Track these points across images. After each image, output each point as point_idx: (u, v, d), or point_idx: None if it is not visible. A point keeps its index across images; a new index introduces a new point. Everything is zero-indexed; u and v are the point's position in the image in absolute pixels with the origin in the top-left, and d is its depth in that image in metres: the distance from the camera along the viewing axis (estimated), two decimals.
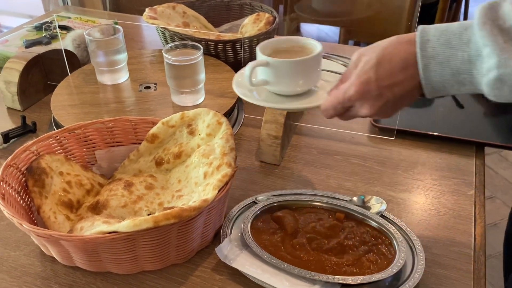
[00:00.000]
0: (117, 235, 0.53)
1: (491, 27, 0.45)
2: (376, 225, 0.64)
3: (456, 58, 0.47)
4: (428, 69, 0.48)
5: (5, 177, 0.62)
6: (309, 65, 0.62)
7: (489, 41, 0.45)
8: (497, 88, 0.46)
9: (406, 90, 0.51)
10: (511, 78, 0.45)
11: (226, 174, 0.60)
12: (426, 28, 0.49)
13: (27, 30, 1.20)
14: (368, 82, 0.51)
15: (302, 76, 0.62)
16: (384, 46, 0.51)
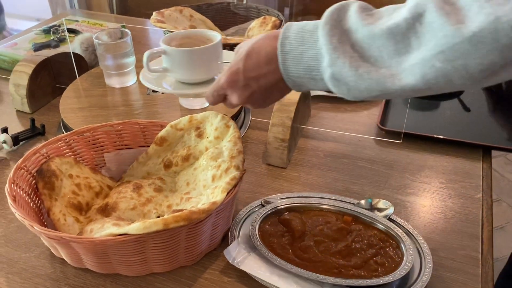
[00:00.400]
0: (127, 237, 0.53)
1: (331, 26, 0.47)
2: (384, 228, 0.65)
3: (307, 55, 0.49)
4: (286, 64, 0.51)
5: (16, 180, 0.63)
6: (206, 54, 0.66)
7: (325, 40, 0.47)
8: (336, 86, 0.49)
9: (271, 82, 0.54)
10: (342, 76, 0.47)
11: (235, 177, 0.61)
12: (289, 25, 0.52)
13: (36, 33, 1.21)
14: (236, 73, 0.55)
15: (199, 64, 0.66)
16: (256, 40, 0.55)
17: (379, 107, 0.95)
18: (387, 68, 0.46)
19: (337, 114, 0.95)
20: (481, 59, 0.40)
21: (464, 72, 0.42)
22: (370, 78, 0.46)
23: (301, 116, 0.86)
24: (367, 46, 0.46)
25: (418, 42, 0.44)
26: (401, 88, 0.45)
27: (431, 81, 0.44)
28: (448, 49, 0.41)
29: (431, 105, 0.98)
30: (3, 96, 1.04)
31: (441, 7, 0.42)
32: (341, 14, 0.48)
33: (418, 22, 0.43)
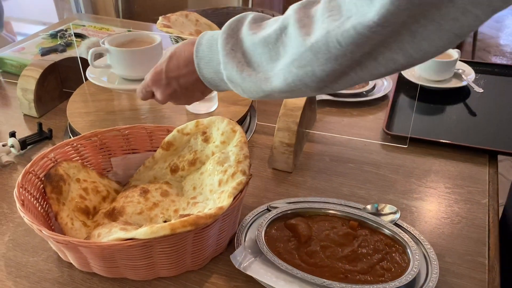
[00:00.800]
0: (134, 242, 0.54)
1: (227, 35, 0.54)
2: (390, 233, 0.65)
3: (214, 60, 0.56)
4: (200, 67, 0.58)
5: (24, 184, 0.63)
6: (144, 54, 0.73)
7: (221, 47, 0.54)
8: (233, 86, 0.56)
9: (190, 82, 0.61)
10: (233, 78, 0.54)
11: (241, 182, 0.61)
12: (204, 34, 0.59)
13: (43, 38, 1.22)
14: (160, 73, 0.63)
15: (137, 63, 0.73)
16: (178, 45, 0.62)
17: (384, 112, 0.95)
18: (264, 72, 0.52)
19: (343, 118, 0.96)
20: (323, 66, 0.47)
21: (314, 76, 0.48)
22: (251, 81, 0.53)
23: (307, 120, 0.87)
24: (252, 53, 0.53)
25: (284, 50, 0.50)
26: (272, 90, 0.52)
27: (291, 84, 0.50)
28: (299, 57, 0.48)
29: (437, 110, 0.98)
30: (11, 100, 1.05)
31: (300, 19, 0.48)
32: (239, 25, 0.54)
33: (284, 33, 0.50)
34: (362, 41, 0.44)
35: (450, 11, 0.40)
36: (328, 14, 0.46)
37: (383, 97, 1.00)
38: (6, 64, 1.13)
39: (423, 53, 0.44)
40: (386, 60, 0.45)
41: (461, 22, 0.41)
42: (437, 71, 1.01)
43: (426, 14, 0.41)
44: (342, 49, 0.45)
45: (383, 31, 0.43)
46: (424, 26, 0.42)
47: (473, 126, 0.92)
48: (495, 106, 0.99)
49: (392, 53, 0.45)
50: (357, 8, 0.44)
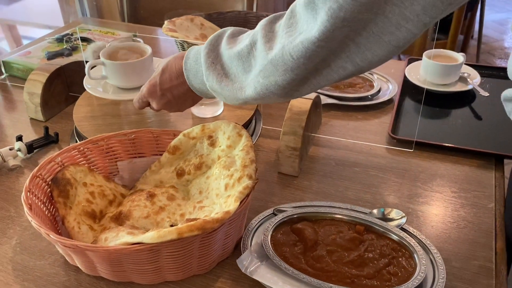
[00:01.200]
0: (141, 246, 0.54)
1: (209, 50, 0.60)
2: (397, 238, 0.64)
3: (200, 72, 0.62)
4: (189, 79, 0.65)
5: (31, 188, 0.64)
6: (137, 66, 0.78)
7: (203, 60, 0.60)
8: (216, 95, 0.62)
9: (182, 92, 0.68)
10: (215, 89, 0.60)
11: (247, 186, 0.61)
12: (191, 48, 0.65)
13: (49, 42, 1.23)
14: (154, 85, 0.69)
15: (131, 74, 0.78)
16: (169, 59, 0.68)
17: (390, 116, 0.95)
18: (239, 82, 0.58)
19: (348, 122, 0.96)
20: (282, 76, 0.53)
21: (277, 85, 0.54)
22: (228, 90, 0.59)
23: (312, 124, 0.87)
24: (229, 66, 0.59)
25: (254, 62, 0.56)
26: (246, 98, 0.58)
27: (260, 93, 0.56)
28: (263, 69, 0.54)
29: (443, 114, 0.98)
30: (17, 104, 1.05)
31: (266, 34, 0.54)
32: (218, 40, 0.61)
33: (254, 47, 0.55)
34: (309, 54, 0.49)
35: (386, 26, 0.46)
36: (286, 30, 0.52)
37: (388, 101, 1.00)
38: (12, 68, 1.14)
39: (368, 62, 0.50)
40: (337, 67, 0.51)
41: (396, 35, 0.46)
42: (443, 75, 1.01)
43: (366, 28, 0.47)
44: (295, 61, 0.51)
45: (327, 45, 0.48)
46: (366, 38, 0.48)
47: (479, 130, 0.92)
48: (501, 109, 0.99)
49: (342, 61, 0.50)
50: (307, 25, 0.49)
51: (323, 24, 0.47)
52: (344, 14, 0.45)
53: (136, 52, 0.84)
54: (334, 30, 0.47)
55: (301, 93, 0.56)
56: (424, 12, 0.44)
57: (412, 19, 0.45)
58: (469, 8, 2.43)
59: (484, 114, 0.96)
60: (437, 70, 1.01)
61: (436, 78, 1.02)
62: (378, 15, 0.46)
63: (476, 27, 2.73)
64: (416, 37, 0.47)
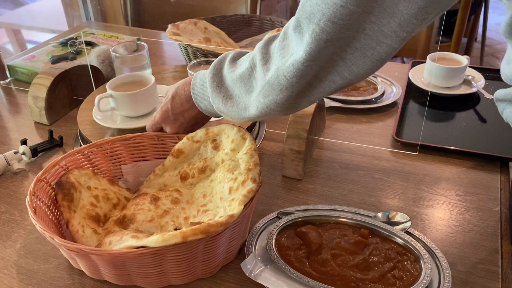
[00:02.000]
0: (146, 250, 0.54)
1: (213, 74, 0.64)
2: (402, 241, 0.64)
3: (206, 95, 0.66)
4: (197, 102, 0.69)
5: (36, 192, 0.64)
6: (143, 95, 0.82)
7: (208, 84, 0.64)
8: (223, 115, 0.66)
9: (193, 115, 0.72)
10: (220, 109, 0.64)
11: (251, 190, 0.61)
12: (197, 74, 0.69)
13: (53, 46, 1.23)
14: (166, 111, 0.73)
15: (138, 103, 0.83)
16: (178, 85, 0.73)
17: (394, 119, 0.95)
18: (243, 102, 0.62)
19: (352, 125, 0.95)
20: (280, 95, 0.57)
21: (276, 103, 0.58)
22: (233, 111, 0.63)
23: (316, 127, 0.87)
24: (233, 88, 0.62)
25: (255, 83, 0.59)
26: (250, 116, 0.61)
27: (262, 111, 0.59)
28: (262, 89, 0.58)
29: (447, 116, 0.98)
30: (22, 107, 1.06)
31: (263, 57, 0.58)
32: (221, 64, 0.65)
33: (254, 70, 0.59)
34: (300, 73, 0.53)
35: (367, 42, 0.49)
36: (279, 52, 0.56)
37: (392, 104, 1.00)
38: (17, 72, 1.15)
39: (355, 75, 0.53)
40: (328, 81, 0.55)
41: (378, 50, 0.50)
42: (447, 78, 1.01)
43: (350, 45, 0.50)
44: (289, 81, 0.54)
45: (315, 63, 0.52)
46: (351, 54, 0.51)
47: (484, 133, 0.92)
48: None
49: (332, 75, 0.54)
50: (297, 47, 0.53)
51: (308, 46, 0.50)
52: (326, 36, 0.49)
53: (139, 82, 0.88)
54: (319, 50, 0.50)
55: (299, 107, 0.60)
56: (401, 28, 0.47)
57: (390, 35, 0.48)
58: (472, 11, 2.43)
59: (489, 117, 0.96)
60: (441, 73, 1.01)
61: (440, 81, 1.02)
62: (359, 33, 0.49)
63: (479, 29, 2.72)
64: (396, 50, 0.50)
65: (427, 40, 1.77)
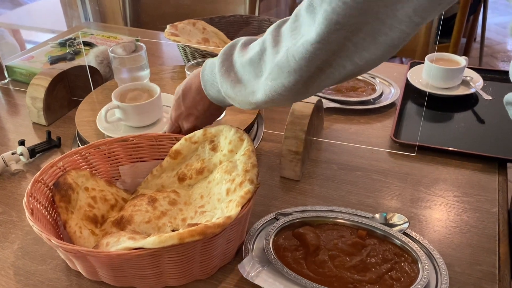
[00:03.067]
0: (143, 251, 0.54)
1: (223, 60, 0.64)
2: (399, 243, 0.64)
3: (215, 81, 0.66)
4: (206, 89, 0.68)
5: (33, 193, 0.64)
6: (149, 106, 0.83)
7: (217, 69, 0.64)
8: (231, 101, 0.66)
9: (205, 106, 0.71)
10: (229, 94, 0.64)
11: (249, 191, 0.61)
12: (207, 61, 0.69)
13: (52, 46, 1.23)
14: (179, 107, 0.73)
15: (145, 113, 0.84)
16: (187, 81, 0.73)
17: (392, 119, 0.95)
18: (251, 87, 0.61)
19: (350, 126, 0.95)
20: (288, 78, 0.56)
21: (284, 87, 0.57)
22: (241, 95, 0.62)
23: (315, 128, 0.87)
24: (242, 72, 0.62)
25: (265, 67, 0.59)
26: (257, 101, 0.61)
27: (269, 95, 0.59)
28: (271, 71, 0.57)
29: (445, 117, 0.98)
30: (20, 108, 1.06)
31: (274, 39, 0.58)
32: (232, 49, 0.64)
33: (264, 53, 0.59)
34: (310, 55, 0.52)
35: (380, 27, 0.48)
36: (291, 33, 0.55)
37: (390, 105, 1.00)
38: (15, 73, 1.14)
39: (366, 61, 0.52)
40: (338, 66, 0.53)
41: (391, 36, 0.49)
42: (445, 78, 1.01)
43: (361, 30, 0.49)
44: (297, 63, 0.54)
45: (325, 47, 0.51)
46: (362, 39, 0.50)
47: (482, 134, 0.92)
48: (504, 113, 0.99)
49: (342, 60, 0.53)
50: (308, 27, 0.52)
51: (319, 27, 0.49)
52: (337, 17, 0.48)
53: (144, 91, 0.88)
54: (329, 32, 0.49)
55: (307, 93, 0.58)
56: (415, 13, 0.46)
57: (404, 20, 0.47)
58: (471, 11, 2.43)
59: (487, 118, 0.96)
60: (440, 74, 1.01)
61: (439, 82, 1.02)
62: (371, 18, 0.48)
63: (478, 30, 2.72)
64: (410, 36, 0.49)
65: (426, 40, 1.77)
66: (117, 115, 0.85)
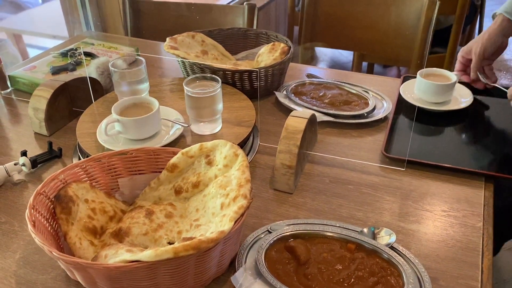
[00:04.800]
0: (139, 264, 0.56)
1: None
2: (386, 256, 0.67)
3: None
4: None
5: (35, 205, 0.66)
6: (148, 120, 0.86)
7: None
8: None
9: None
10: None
11: (242, 206, 0.64)
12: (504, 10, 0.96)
13: (54, 56, 1.26)
14: None
15: (144, 127, 0.87)
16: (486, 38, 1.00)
17: (383, 134, 0.98)
18: None
19: (343, 139, 0.98)
20: None
21: None
22: None
23: (308, 142, 0.89)
24: None
25: None
26: None
27: None
28: None
29: (436, 132, 1.01)
30: (22, 118, 1.08)
31: None
32: None
33: None
34: None
35: None
36: None
37: (383, 119, 1.03)
38: (18, 83, 1.17)
39: None
40: None
41: None
42: (436, 94, 1.04)
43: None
44: None
45: None
46: None
47: (470, 149, 0.95)
48: (493, 129, 1.02)
49: None
50: None
51: None
52: None
53: (143, 105, 0.91)
54: None
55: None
56: None
57: None
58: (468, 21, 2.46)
59: (476, 133, 0.99)
60: (430, 89, 1.03)
61: (430, 97, 1.04)
62: None
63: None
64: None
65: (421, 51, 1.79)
66: (117, 128, 0.88)
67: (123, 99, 0.90)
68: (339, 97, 1.08)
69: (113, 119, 0.86)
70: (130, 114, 0.88)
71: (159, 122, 0.89)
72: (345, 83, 1.14)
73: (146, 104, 0.90)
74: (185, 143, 0.89)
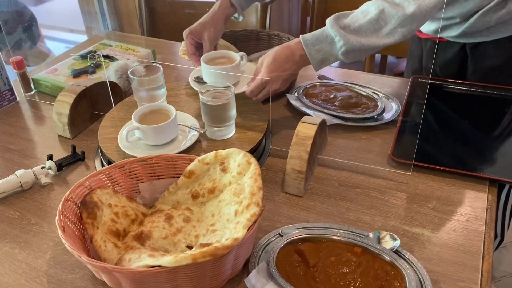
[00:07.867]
0: (161, 269, 0.61)
1: (337, 26, 0.90)
2: (390, 260, 0.71)
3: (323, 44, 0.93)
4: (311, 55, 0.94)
5: (64, 211, 0.72)
6: (166, 127, 0.92)
7: (337, 33, 0.90)
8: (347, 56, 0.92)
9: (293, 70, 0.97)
10: (353, 49, 0.90)
11: (255, 214, 0.68)
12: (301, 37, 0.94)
13: (74, 59, 1.31)
14: (271, 71, 0.95)
15: (162, 133, 0.92)
16: (276, 49, 0.96)
17: (392, 136, 1.00)
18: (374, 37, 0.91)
19: (353, 142, 1.02)
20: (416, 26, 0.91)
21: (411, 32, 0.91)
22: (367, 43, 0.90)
23: (318, 146, 0.93)
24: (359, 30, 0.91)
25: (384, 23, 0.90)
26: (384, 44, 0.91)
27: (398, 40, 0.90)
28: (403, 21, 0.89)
29: (441, 137, 1.03)
30: (46, 120, 1.14)
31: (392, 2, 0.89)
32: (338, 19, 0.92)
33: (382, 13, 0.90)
34: None
35: None
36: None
37: (393, 121, 1.06)
38: (41, 85, 1.23)
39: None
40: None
41: None
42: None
43: None
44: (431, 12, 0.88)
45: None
46: None
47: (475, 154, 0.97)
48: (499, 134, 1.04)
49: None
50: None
51: None
52: None
53: (162, 112, 0.95)
54: None
55: None
56: None
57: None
58: None
59: (482, 138, 1.01)
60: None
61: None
62: None
63: None
64: None
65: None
66: (137, 135, 0.92)
67: (142, 106, 0.95)
68: (349, 99, 1.11)
69: (134, 126, 0.91)
70: (149, 120, 0.92)
71: (177, 128, 0.94)
72: (356, 85, 1.17)
73: (164, 111, 0.94)
74: (201, 148, 0.94)
